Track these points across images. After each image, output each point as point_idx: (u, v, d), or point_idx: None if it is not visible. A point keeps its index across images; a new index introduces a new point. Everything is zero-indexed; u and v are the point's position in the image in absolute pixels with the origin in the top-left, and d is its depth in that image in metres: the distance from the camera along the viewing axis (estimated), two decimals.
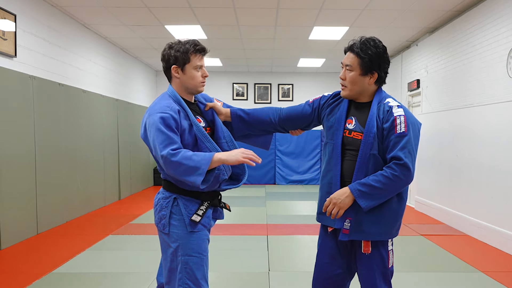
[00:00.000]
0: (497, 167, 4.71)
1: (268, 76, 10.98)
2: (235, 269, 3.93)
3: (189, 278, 1.98)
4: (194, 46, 2.03)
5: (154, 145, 1.91)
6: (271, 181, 10.70)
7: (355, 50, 1.98)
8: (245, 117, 2.24)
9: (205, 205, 2.05)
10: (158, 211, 2.05)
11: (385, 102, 2.00)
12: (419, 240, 5.04)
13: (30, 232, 5.01)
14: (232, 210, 2.41)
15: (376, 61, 1.96)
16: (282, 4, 5.56)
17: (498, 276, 3.72)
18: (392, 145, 1.91)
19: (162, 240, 2.07)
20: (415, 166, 1.95)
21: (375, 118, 1.96)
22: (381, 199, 1.92)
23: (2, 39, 4.57)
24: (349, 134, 2.02)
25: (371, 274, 2.02)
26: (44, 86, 5.35)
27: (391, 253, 2.06)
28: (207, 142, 2.02)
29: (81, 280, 3.61)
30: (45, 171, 5.30)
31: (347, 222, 1.98)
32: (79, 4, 5.62)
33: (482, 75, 5.11)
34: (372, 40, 2.00)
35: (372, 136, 1.94)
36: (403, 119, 1.92)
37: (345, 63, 2.02)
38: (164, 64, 2.06)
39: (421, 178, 6.93)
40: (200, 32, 6.94)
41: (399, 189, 1.94)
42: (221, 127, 2.16)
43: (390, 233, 2.01)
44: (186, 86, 2.07)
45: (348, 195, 1.92)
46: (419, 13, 5.87)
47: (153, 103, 2.04)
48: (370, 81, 1.99)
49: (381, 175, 1.90)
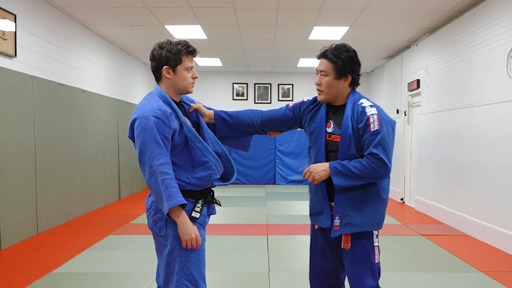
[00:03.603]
0: (497, 167, 4.71)
1: (268, 76, 10.98)
2: (235, 269, 3.93)
3: (187, 279, 1.98)
4: (187, 48, 2.02)
5: (144, 151, 1.89)
6: (271, 181, 10.70)
7: (329, 56, 2.09)
8: (229, 119, 2.28)
9: (201, 203, 2.05)
10: (152, 214, 2.03)
11: (359, 103, 2.09)
12: (419, 240, 5.04)
13: (30, 232, 5.01)
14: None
15: (349, 64, 2.07)
16: (282, 4, 5.56)
17: (498, 276, 3.72)
18: (368, 143, 2.01)
19: (158, 243, 2.06)
20: (391, 162, 2.05)
21: (350, 119, 2.06)
22: (353, 182, 2.01)
23: (2, 39, 4.57)
24: (329, 137, 2.13)
25: (357, 269, 2.09)
26: (44, 86, 5.35)
27: (376, 249, 2.12)
28: (198, 143, 2.02)
29: (81, 280, 3.61)
30: (45, 171, 5.30)
31: (336, 219, 2.08)
32: (79, 4, 5.62)
33: (482, 75, 5.11)
34: (343, 45, 2.11)
35: (348, 137, 2.05)
36: (376, 117, 2.02)
37: (320, 69, 2.13)
38: (155, 64, 2.03)
39: (421, 178, 6.93)
40: (200, 32, 6.94)
41: (373, 180, 2.04)
42: (206, 128, 2.16)
43: (377, 223, 2.11)
44: (177, 87, 2.05)
45: (325, 169, 2.04)
46: (419, 13, 5.87)
47: (142, 103, 2.00)
48: (344, 84, 2.10)
49: (359, 162, 2.01)
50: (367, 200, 2.08)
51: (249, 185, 10.38)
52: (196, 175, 2.02)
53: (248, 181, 10.65)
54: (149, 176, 1.90)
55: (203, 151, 2.02)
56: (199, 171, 2.02)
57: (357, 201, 2.07)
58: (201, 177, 2.02)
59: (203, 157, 2.02)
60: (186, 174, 2.00)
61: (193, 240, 1.94)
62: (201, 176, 2.02)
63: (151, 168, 1.88)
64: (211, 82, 10.95)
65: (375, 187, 2.08)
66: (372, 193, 2.08)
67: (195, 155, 2.02)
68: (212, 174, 2.04)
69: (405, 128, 7.83)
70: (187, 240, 1.93)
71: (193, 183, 2.01)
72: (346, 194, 2.07)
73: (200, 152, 2.02)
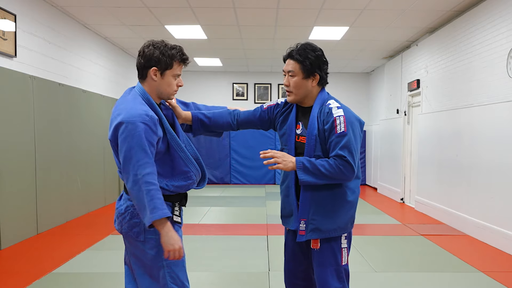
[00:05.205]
0: (497, 167, 4.71)
1: (268, 76, 10.98)
2: (235, 269, 3.93)
3: (174, 281, 1.95)
4: (181, 55, 1.97)
5: (130, 158, 1.81)
6: (271, 181, 10.70)
7: (295, 56, 2.08)
8: (206, 121, 2.27)
9: (178, 206, 2.03)
10: (128, 219, 1.96)
11: (327, 104, 2.08)
12: (419, 240, 5.04)
13: (30, 232, 5.01)
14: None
15: (316, 63, 2.07)
16: (282, 4, 5.56)
17: (498, 276, 3.72)
18: (334, 145, 2.00)
19: (135, 248, 1.99)
20: (357, 165, 2.03)
21: (316, 121, 2.05)
22: (318, 181, 1.99)
23: (2, 39, 4.57)
24: (298, 139, 2.13)
25: (323, 271, 2.09)
26: (44, 86, 5.35)
27: (344, 251, 2.12)
28: (180, 152, 1.97)
29: (81, 280, 3.61)
30: (45, 171, 5.30)
31: (302, 224, 2.08)
32: (79, 4, 5.62)
33: (482, 75, 5.11)
34: (309, 44, 2.11)
35: (313, 139, 2.04)
36: (342, 119, 2.00)
37: (287, 69, 2.13)
38: (143, 61, 1.94)
39: (421, 178, 6.93)
40: (200, 32, 6.94)
41: (338, 181, 2.02)
42: (180, 131, 2.11)
43: (344, 228, 2.10)
44: (160, 91, 1.98)
45: (292, 162, 2.01)
46: (419, 13, 5.87)
47: (125, 104, 1.90)
48: (313, 83, 2.10)
49: (327, 161, 1.99)
50: (333, 205, 2.06)
51: (249, 185, 10.38)
52: (175, 183, 1.98)
53: (248, 181, 10.65)
54: (133, 184, 1.82)
55: (185, 161, 1.98)
56: (179, 179, 1.99)
57: (323, 205, 2.06)
58: (180, 185, 1.99)
59: (184, 167, 1.99)
60: (165, 181, 1.95)
61: (176, 252, 1.87)
62: (180, 185, 1.99)
63: (135, 176, 1.80)
64: (211, 82, 10.95)
65: (341, 190, 2.07)
66: (338, 197, 2.07)
67: (177, 164, 1.97)
68: (191, 184, 2.02)
69: (405, 128, 7.83)
70: (170, 251, 1.86)
71: (171, 190, 1.97)
72: (311, 195, 2.05)
73: (182, 162, 1.98)
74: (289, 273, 2.30)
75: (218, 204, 7.54)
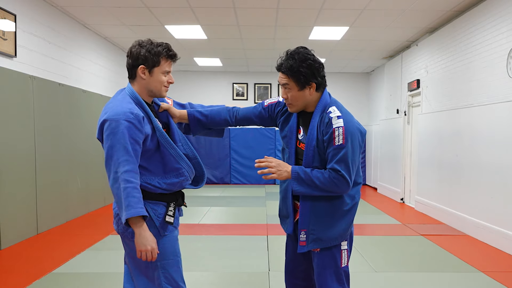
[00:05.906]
0: (497, 167, 4.71)
1: (268, 76, 10.98)
2: (235, 269, 3.93)
3: (168, 282, 1.95)
4: (167, 51, 1.96)
5: (111, 155, 1.83)
6: (271, 181, 10.70)
7: (287, 72, 1.98)
8: (203, 119, 2.25)
9: (173, 206, 2.01)
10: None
11: (327, 111, 2.01)
12: (419, 240, 5.04)
13: (30, 232, 5.01)
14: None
15: (309, 73, 1.97)
16: (282, 4, 5.56)
17: (498, 276, 3.72)
18: (331, 157, 1.96)
19: (130, 249, 1.99)
20: (353, 178, 1.99)
21: (316, 131, 2.01)
22: (313, 192, 1.98)
23: (2, 39, 4.57)
24: (299, 144, 2.10)
25: (322, 273, 2.08)
26: (44, 86, 5.35)
27: (344, 253, 2.10)
28: (171, 149, 1.97)
29: (81, 280, 3.61)
30: (45, 171, 5.30)
31: (302, 234, 2.06)
32: (79, 4, 5.62)
33: (482, 75, 5.11)
34: (296, 53, 1.99)
35: (312, 149, 2.01)
36: (341, 131, 1.94)
37: (282, 83, 2.04)
38: (131, 61, 1.96)
39: (421, 178, 6.93)
40: (200, 32, 6.94)
41: (332, 193, 1.99)
42: (176, 130, 2.10)
43: (344, 235, 2.08)
44: (150, 89, 1.99)
45: (287, 171, 2.00)
46: (419, 13, 5.87)
47: (114, 103, 1.92)
48: (310, 91, 2.02)
49: (322, 174, 1.96)
50: (333, 216, 2.03)
51: (249, 185, 10.37)
52: (168, 181, 1.97)
53: (248, 181, 10.65)
54: (113, 182, 1.84)
55: (176, 158, 1.98)
56: (171, 176, 1.98)
57: (323, 216, 2.03)
58: (173, 183, 1.98)
59: (176, 164, 1.98)
60: (157, 179, 1.95)
61: (148, 252, 1.86)
62: (173, 182, 1.98)
63: (115, 174, 1.82)
64: (211, 82, 10.95)
65: (341, 199, 2.03)
66: (338, 207, 2.04)
67: (168, 161, 1.97)
68: (184, 180, 2.01)
69: (405, 128, 7.83)
70: (142, 251, 1.85)
71: (164, 187, 1.96)
72: (310, 206, 2.03)
73: (173, 159, 1.97)
74: (289, 273, 2.30)
75: (218, 204, 7.54)
